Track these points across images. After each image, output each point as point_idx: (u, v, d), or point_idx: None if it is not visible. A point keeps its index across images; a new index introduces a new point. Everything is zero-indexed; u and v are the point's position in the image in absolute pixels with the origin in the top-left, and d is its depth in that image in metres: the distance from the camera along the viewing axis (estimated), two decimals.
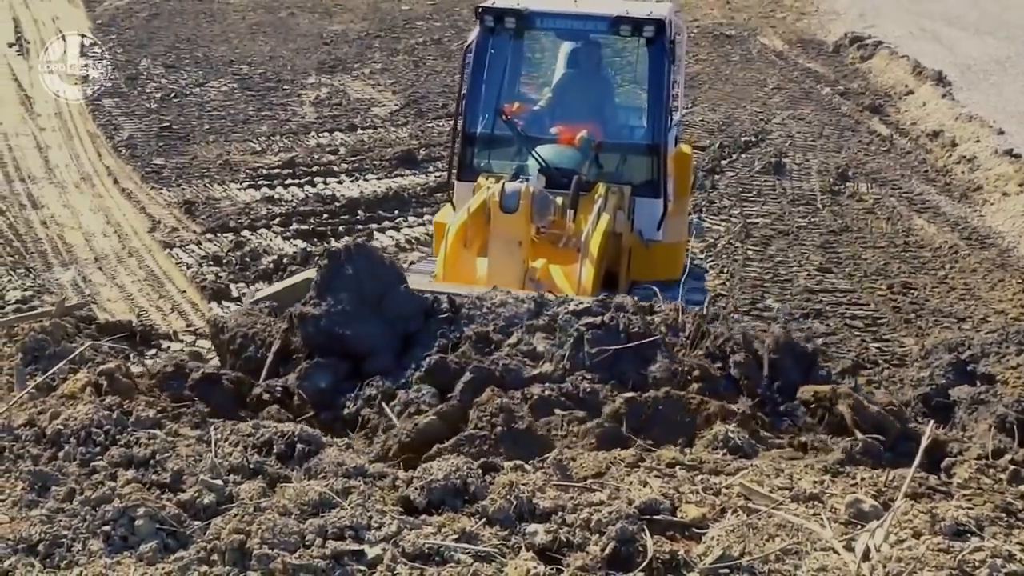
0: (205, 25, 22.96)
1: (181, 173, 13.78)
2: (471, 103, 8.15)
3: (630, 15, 7.66)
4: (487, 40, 8.06)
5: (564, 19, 8.12)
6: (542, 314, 5.37)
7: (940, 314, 10.60)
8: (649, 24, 7.58)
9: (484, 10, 7.93)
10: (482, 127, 8.20)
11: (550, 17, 8.07)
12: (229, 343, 5.64)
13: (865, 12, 27.33)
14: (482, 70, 8.12)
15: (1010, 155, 14.95)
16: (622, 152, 8.22)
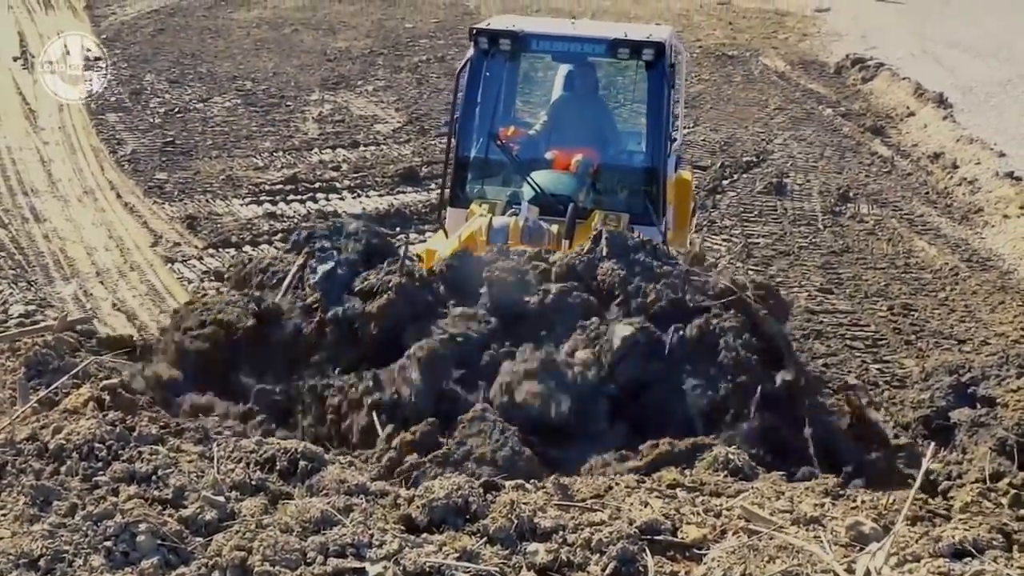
0: (209, 41, 23.05)
1: (184, 188, 13.81)
2: (464, 127, 7.94)
3: (629, 38, 7.47)
4: (482, 62, 7.82)
5: (561, 41, 7.87)
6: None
7: (941, 336, 10.59)
8: (648, 47, 7.37)
9: (479, 31, 7.65)
10: (476, 152, 8.00)
11: (546, 39, 7.84)
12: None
13: (867, 34, 27.46)
14: (476, 93, 7.94)
15: (1011, 177, 14.98)
16: (619, 178, 8.00)
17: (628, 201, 7.74)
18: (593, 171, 7.56)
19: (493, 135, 7.77)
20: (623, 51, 7.39)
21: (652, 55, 7.36)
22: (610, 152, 8.28)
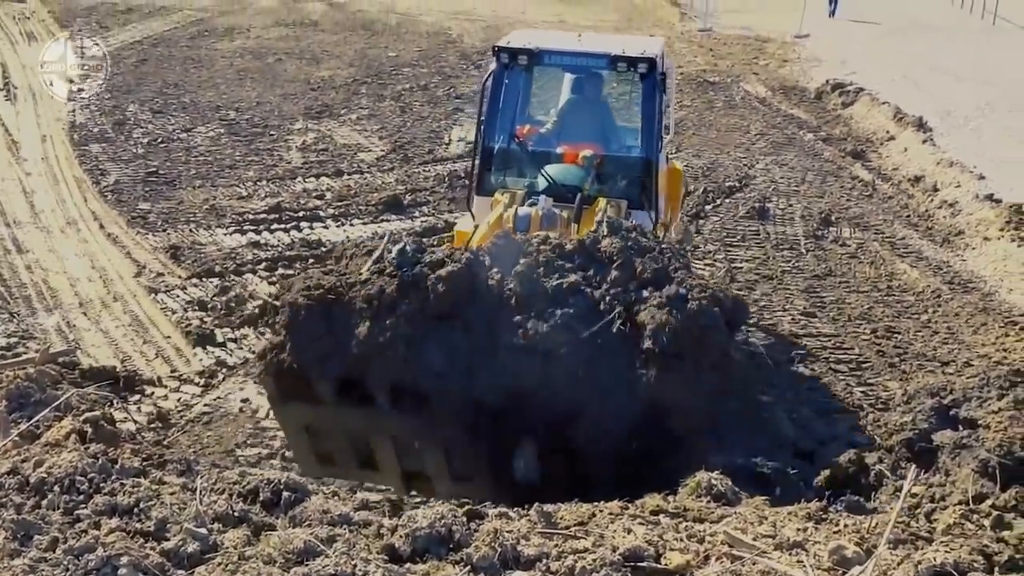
0: (193, 71, 23.09)
1: (167, 218, 13.80)
2: (488, 128, 9.13)
3: (626, 54, 8.69)
4: (502, 74, 9.07)
5: (569, 56, 9.16)
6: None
7: (924, 358, 10.63)
8: (643, 61, 8.61)
9: (500, 49, 8.95)
10: (498, 148, 9.24)
11: (557, 54, 9.08)
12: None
13: (846, 59, 27.69)
14: (498, 100, 9.14)
15: (991, 200, 15.10)
16: (619, 170, 9.11)
17: (627, 190, 8.86)
18: (597, 164, 8.72)
19: (514, 135, 9.15)
20: (621, 65, 8.72)
21: (646, 68, 8.63)
22: (611, 148, 9.40)
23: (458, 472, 6.53)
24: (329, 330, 6.28)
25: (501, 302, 6.24)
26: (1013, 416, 5.85)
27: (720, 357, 6.25)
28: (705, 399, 6.19)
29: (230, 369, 9.86)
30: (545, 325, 5.98)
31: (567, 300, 6.14)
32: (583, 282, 6.27)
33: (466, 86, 22.75)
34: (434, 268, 6.31)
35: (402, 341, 6.11)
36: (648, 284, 6.25)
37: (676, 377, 5.93)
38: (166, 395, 9.33)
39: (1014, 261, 13.13)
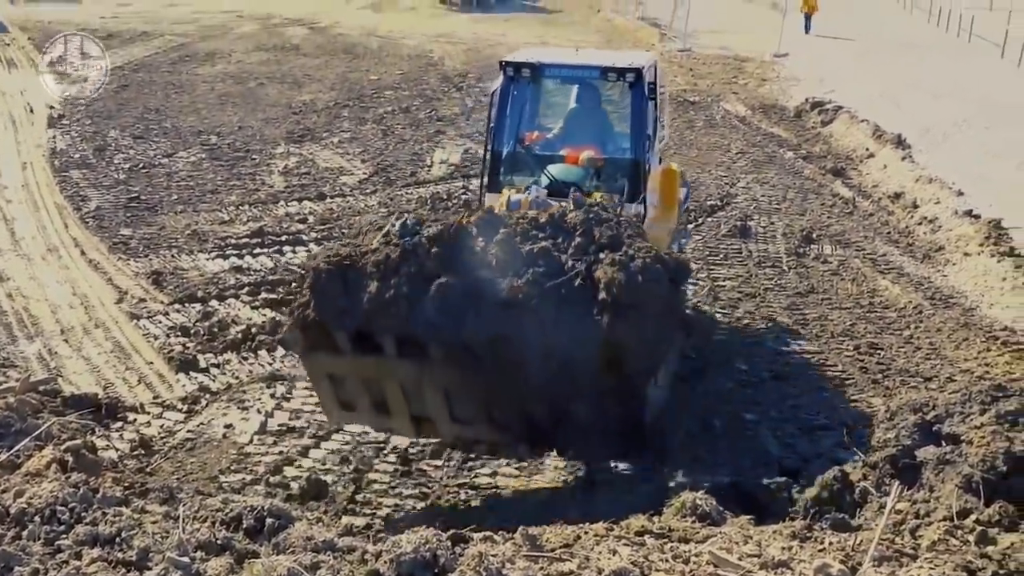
0: (174, 96, 23.09)
1: (149, 244, 13.76)
2: (497, 133, 10.14)
3: (616, 66, 9.79)
4: (509, 86, 10.06)
5: (566, 68, 10.34)
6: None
7: (907, 374, 10.66)
8: (630, 72, 9.65)
9: (506, 63, 10.02)
10: (506, 151, 10.22)
11: (556, 67, 10.25)
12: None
13: (824, 78, 27.91)
14: (505, 109, 10.13)
15: (970, 215, 15.20)
16: (614, 168, 10.01)
17: (620, 185, 9.75)
18: (598, 164, 9.77)
19: (521, 139, 10.21)
20: (612, 76, 9.86)
21: (633, 78, 9.64)
22: (607, 149, 10.29)
23: (457, 414, 7.69)
24: (345, 290, 7.38)
25: (485, 264, 7.34)
26: (995, 431, 5.86)
27: (664, 307, 7.26)
28: (651, 342, 7.19)
29: (213, 395, 9.81)
30: (520, 281, 7.11)
31: (538, 262, 7.27)
32: (552, 247, 7.37)
33: (448, 108, 22.83)
34: (430, 239, 7.42)
35: (403, 298, 7.20)
36: (605, 248, 7.32)
37: (626, 323, 6.96)
38: (149, 422, 9.28)
39: (994, 276, 13.21)
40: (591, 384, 7.14)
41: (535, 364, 7.09)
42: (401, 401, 7.75)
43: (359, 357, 7.54)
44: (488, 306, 7.13)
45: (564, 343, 7.03)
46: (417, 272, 7.29)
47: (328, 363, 7.76)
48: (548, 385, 7.16)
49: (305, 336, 7.64)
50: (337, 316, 7.41)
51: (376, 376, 7.71)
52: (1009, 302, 12.57)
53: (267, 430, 9.14)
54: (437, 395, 7.58)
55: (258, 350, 10.70)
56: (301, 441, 8.94)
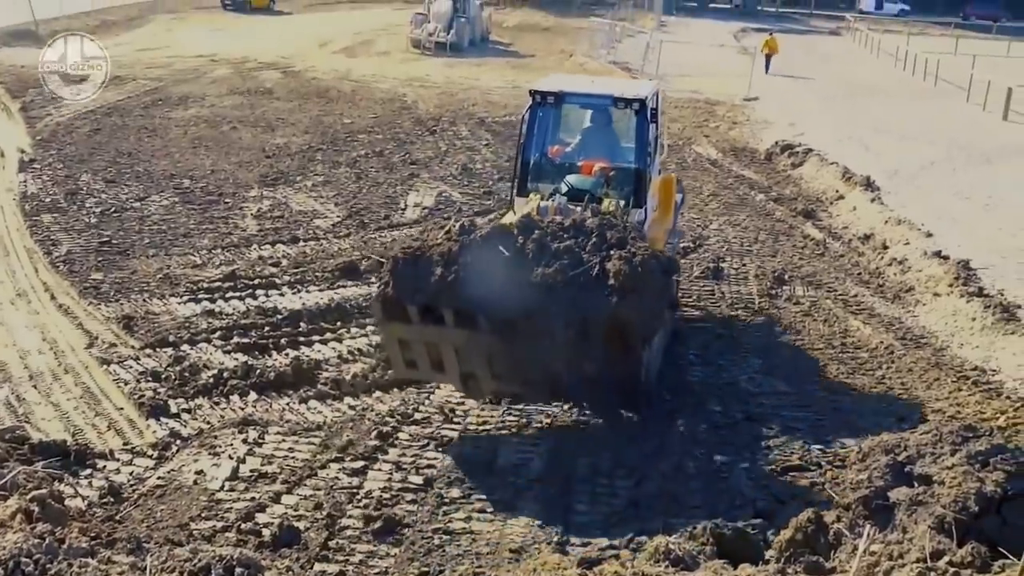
0: (147, 140, 23.06)
1: (120, 288, 13.65)
2: (526, 148, 11.95)
3: (623, 95, 11.79)
4: (536, 110, 11.90)
5: (584, 97, 12.34)
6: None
7: (879, 414, 10.72)
8: (635, 101, 11.64)
9: (534, 91, 11.93)
10: (533, 163, 12.03)
11: (575, 95, 12.19)
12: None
13: (794, 121, 28.29)
14: (533, 128, 11.93)
15: (939, 256, 15.37)
16: (621, 178, 11.77)
17: (625, 192, 11.58)
18: (610, 175, 11.69)
19: (545, 152, 12.13)
20: (620, 103, 11.78)
21: (637, 106, 11.63)
22: (616, 162, 12.02)
23: (496, 372, 9.65)
24: (416, 274, 9.36)
25: (523, 256, 9.36)
26: (966, 471, 5.89)
27: (658, 292, 9.51)
28: (648, 318, 9.44)
29: (184, 440, 9.70)
30: (550, 270, 9.17)
31: (563, 256, 9.32)
32: (575, 245, 9.43)
33: (421, 152, 22.92)
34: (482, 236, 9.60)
35: (460, 281, 9.17)
36: (614, 247, 9.42)
37: (628, 303, 9.07)
38: (118, 468, 9.15)
39: (964, 316, 13.34)
40: (601, 349, 9.23)
41: (559, 333, 9.12)
42: (454, 362, 9.74)
43: (425, 326, 9.54)
44: (525, 288, 9.13)
45: (582, 317, 9.12)
46: (472, 262, 9.27)
47: (400, 330, 9.75)
48: (568, 350, 9.21)
49: (383, 308, 9.66)
50: (409, 293, 9.40)
51: (436, 341, 9.67)
52: (979, 342, 12.69)
53: (239, 476, 9.03)
54: (482, 357, 9.58)
55: (230, 395, 10.62)
56: (273, 487, 8.85)
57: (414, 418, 10.23)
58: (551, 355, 9.27)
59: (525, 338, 9.19)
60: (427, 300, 9.38)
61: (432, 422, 10.18)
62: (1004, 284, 14.36)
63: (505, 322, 9.16)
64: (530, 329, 9.15)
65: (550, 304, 9.09)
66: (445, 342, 9.64)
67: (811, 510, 7.26)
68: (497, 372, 9.70)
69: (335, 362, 11.57)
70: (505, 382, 9.92)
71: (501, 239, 9.53)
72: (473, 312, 9.24)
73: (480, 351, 9.51)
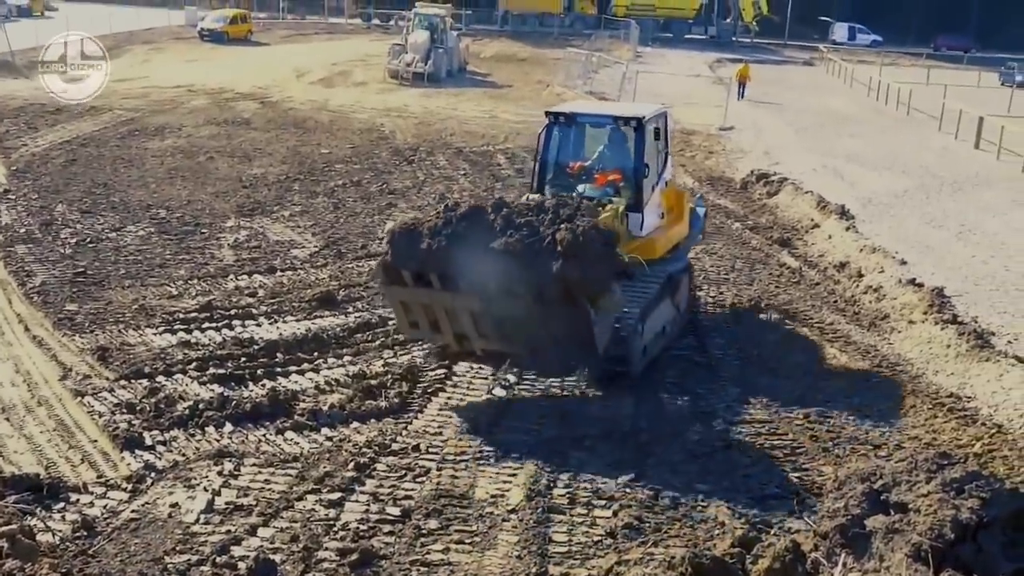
0: (123, 170, 23.00)
1: (95, 319, 13.56)
2: (542, 158, 13.71)
3: (623, 115, 13.56)
4: (551, 129, 13.72)
5: (591, 116, 14.28)
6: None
7: (856, 442, 10.75)
8: (634, 119, 13.25)
9: (549, 112, 13.99)
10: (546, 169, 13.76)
11: (585, 115, 14.18)
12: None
13: (769, 150, 28.55)
14: (548, 143, 13.72)
15: (913, 284, 15.50)
16: (623, 186, 13.22)
17: (626, 200, 13.04)
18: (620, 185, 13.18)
19: (567, 166, 13.76)
20: (620, 122, 13.46)
21: (636, 124, 13.20)
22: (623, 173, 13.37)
23: (481, 331, 11.23)
24: (409, 244, 10.95)
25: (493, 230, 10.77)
26: (942, 499, 5.91)
27: (599, 258, 10.67)
28: (588, 280, 10.58)
29: (159, 473, 9.60)
30: (513, 240, 10.57)
31: (523, 228, 10.73)
32: (534, 220, 10.85)
33: (399, 182, 22.97)
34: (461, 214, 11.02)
35: (443, 249, 10.72)
36: (564, 221, 10.81)
37: (571, 265, 10.38)
38: (92, 502, 9.04)
39: (938, 343, 13.44)
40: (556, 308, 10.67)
41: (520, 293, 10.59)
42: (447, 322, 11.38)
43: (417, 289, 11.19)
44: (492, 255, 10.53)
45: (537, 279, 10.48)
46: (452, 234, 10.79)
47: (399, 293, 11.44)
48: (530, 308, 10.69)
49: (385, 274, 11.37)
50: (404, 260, 11.03)
51: (428, 303, 11.31)
52: (954, 369, 12.78)
53: (214, 509, 8.94)
54: (467, 316, 11.15)
55: (205, 426, 10.54)
56: (249, 519, 8.76)
57: (392, 448, 10.18)
58: (519, 314, 10.81)
59: (496, 299, 10.75)
60: (417, 266, 10.99)
61: (410, 452, 10.13)
62: (978, 311, 14.50)
63: (479, 284, 10.69)
64: (498, 290, 10.67)
65: (510, 268, 10.51)
66: (436, 303, 11.28)
67: (789, 539, 7.26)
68: (482, 331, 11.29)
69: (312, 392, 11.52)
70: (490, 341, 11.44)
71: (477, 215, 11.01)
72: (453, 276, 10.80)
73: (464, 311, 11.12)
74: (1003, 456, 10.42)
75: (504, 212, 11.03)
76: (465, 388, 11.87)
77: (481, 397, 11.63)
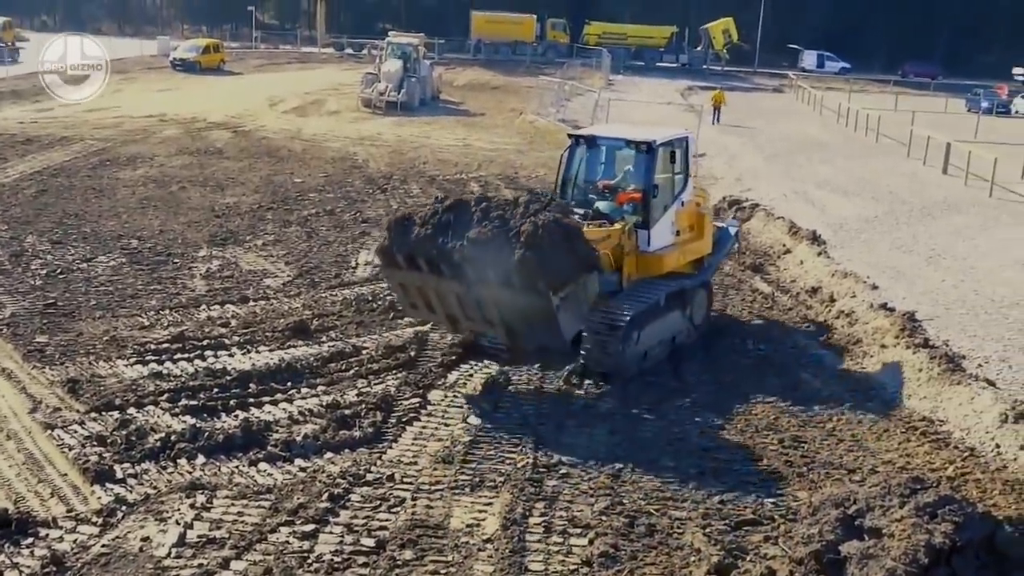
0: (94, 200, 22.86)
1: (65, 351, 13.42)
2: (565, 175, 14.71)
3: (635, 139, 14.34)
4: (574, 149, 14.79)
5: (608, 139, 15.04)
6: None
7: (830, 466, 10.79)
8: (644, 144, 14.07)
9: (571, 135, 15.32)
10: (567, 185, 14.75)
11: (603, 138, 15.04)
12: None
13: (741, 176, 28.77)
14: (571, 163, 14.74)
15: (885, 309, 15.60)
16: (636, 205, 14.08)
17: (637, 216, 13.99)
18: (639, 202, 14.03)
19: (597, 183, 14.71)
20: (632, 145, 14.31)
21: (646, 148, 14.03)
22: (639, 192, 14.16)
23: (468, 314, 12.47)
24: (404, 231, 12.23)
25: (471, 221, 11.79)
26: (915, 523, 5.93)
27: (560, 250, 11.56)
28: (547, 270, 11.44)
29: (130, 506, 9.48)
30: (487, 229, 11.58)
31: (495, 220, 11.70)
32: (506, 215, 11.79)
33: (372, 210, 22.95)
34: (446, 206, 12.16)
35: (430, 237, 11.93)
36: (531, 215, 11.70)
37: (532, 255, 11.28)
38: (61, 536, 8.92)
39: (910, 368, 13.52)
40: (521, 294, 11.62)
41: (491, 279, 11.62)
42: (438, 303, 12.60)
43: (410, 272, 12.46)
44: (468, 243, 11.58)
45: (503, 266, 11.42)
46: (438, 223, 11.95)
47: (397, 275, 12.79)
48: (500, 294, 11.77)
49: (384, 258, 12.80)
50: (398, 246, 12.30)
51: (421, 285, 12.55)
52: (926, 393, 12.85)
53: (186, 542, 8.84)
54: (452, 298, 12.39)
55: (177, 458, 10.44)
56: (222, 552, 8.67)
57: (366, 479, 10.11)
58: (493, 298, 11.90)
59: (473, 283, 11.86)
60: (409, 251, 12.20)
61: (384, 483, 10.06)
62: (949, 335, 14.61)
63: (458, 269, 11.82)
64: (473, 275, 11.75)
65: (481, 255, 11.53)
66: (427, 286, 12.48)
67: (764, 565, 7.27)
68: (468, 314, 12.48)
69: (285, 423, 11.42)
70: (475, 323, 12.70)
71: (461, 207, 12.14)
72: (437, 261, 11.97)
73: (451, 293, 12.31)
74: (976, 479, 10.48)
75: (483, 205, 12.08)
76: (440, 417, 11.83)
77: (456, 426, 11.58)
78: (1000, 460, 10.98)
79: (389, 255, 12.58)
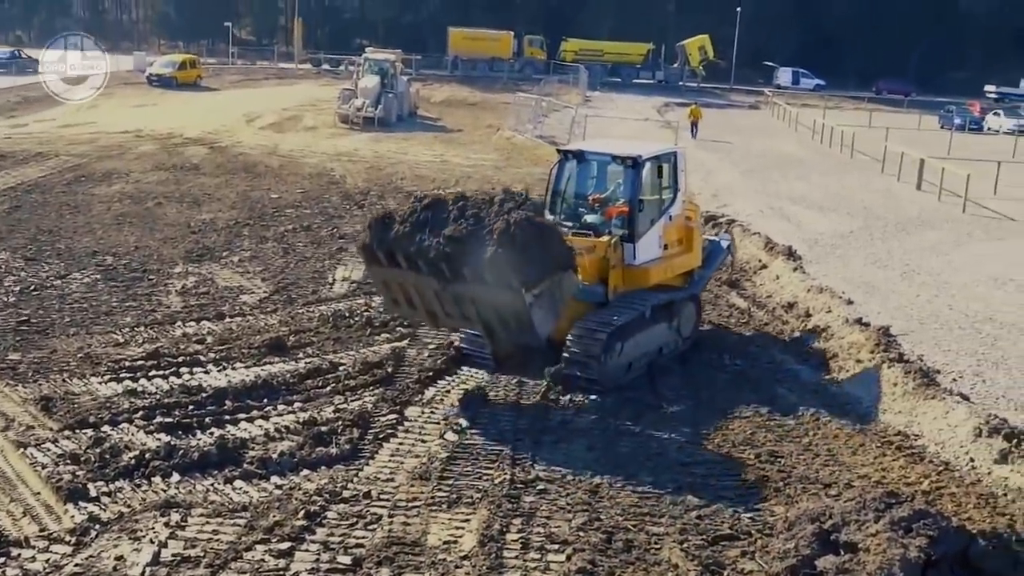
0: (68, 216, 22.72)
1: (39, 368, 13.31)
2: (554, 187, 14.91)
3: (622, 154, 14.55)
4: (562, 164, 15.05)
5: (595, 154, 15.27)
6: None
7: (807, 481, 10.80)
8: (630, 158, 14.30)
9: (560, 150, 15.83)
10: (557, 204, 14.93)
11: (590, 153, 15.29)
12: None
13: (718, 192, 28.91)
14: (559, 178, 14.99)
15: (860, 323, 15.69)
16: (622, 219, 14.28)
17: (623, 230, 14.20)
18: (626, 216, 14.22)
19: (589, 196, 14.96)
20: (618, 160, 14.53)
21: (631, 163, 14.25)
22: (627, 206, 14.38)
23: (447, 310, 12.64)
24: (384, 229, 12.47)
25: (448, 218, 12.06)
26: (890, 538, 5.96)
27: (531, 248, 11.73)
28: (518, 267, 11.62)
29: (104, 525, 9.39)
30: (462, 227, 11.85)
31: (471, 218, 11.95)
32: (481, 213, 12.01)
33: (350, 226, 22.91)
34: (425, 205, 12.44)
35: (407, 234, 12.20)
36: (505, 213, 11.89)
37: (504, 252, 11.51)
38: (34, 556, 8.82)
39: (886, 382, 13.59)
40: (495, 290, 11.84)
41: (466, 276, 11.87)
42: (418, 300, 12.79)
43: (391, 269, 12.70)
44: (443, 240, 11.85)
45: (476, 263, 11.67)
46: (416, 221, 12.23)
47: (379, 272, 13.05)
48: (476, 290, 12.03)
49: (365, 255, 13.13)
50: (379, 242, 12.53)
51: (401, 282, 12.79)
52: (901, 407, 12.92)
53: (160, 561, 8.75)
54: (431, 295, 12.53)
55: (152, 476, 10.35)
56: (197, 571, 8.59)
57: (342, 496, 10.05)
58: (469, 294, 12.18)
59: (449, 280, 12.10)
60: (389, 248, 12.43)
61: (361, 500, 10.01)
62: (923, 349, 14.70)
63: (434, 266, 12.06)
64: (449, 272, 12.01)
65: (456, 252, 11.80)
66: (407, 282, 12.71)
67: None
68: (447, 310, 12.65)
69: (261, 440, 11.35)
70: (455, 319, 12.98)
71: (439, 205, 12.43)
72: (415, 258, 12.19)
73: (428, 290, 12.49)
74: (950, 493, 10.53)
75: (460, 204, 12.37)
76: (417, 433, 11.79)
77: (433, 442, 11.54)
78: (974, 474, 11.04)
79: (370, 252, 12.82)
